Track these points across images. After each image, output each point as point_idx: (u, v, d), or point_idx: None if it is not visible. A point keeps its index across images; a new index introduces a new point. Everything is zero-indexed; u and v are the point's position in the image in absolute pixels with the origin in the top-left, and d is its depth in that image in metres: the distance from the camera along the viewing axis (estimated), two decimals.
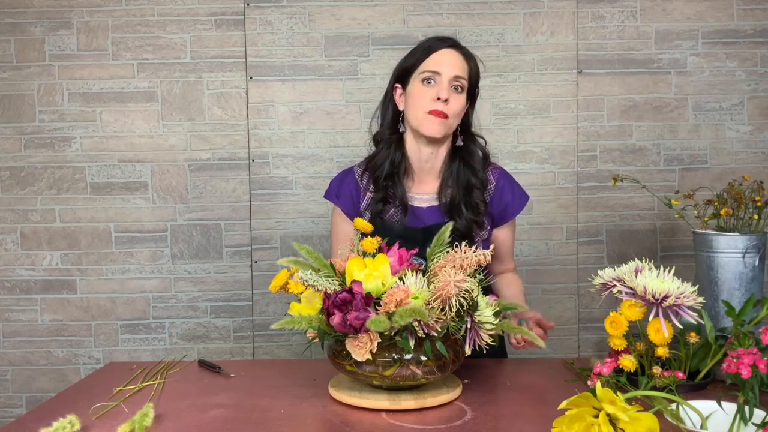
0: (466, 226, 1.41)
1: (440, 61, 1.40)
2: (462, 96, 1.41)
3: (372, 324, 1.00)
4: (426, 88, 1.39)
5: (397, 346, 1.06)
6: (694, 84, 2.25)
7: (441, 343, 1.06)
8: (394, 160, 1.45)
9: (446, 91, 1.38)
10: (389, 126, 1.48)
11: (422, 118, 1.39)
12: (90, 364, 2.26)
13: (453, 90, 1.39)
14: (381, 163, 1.46)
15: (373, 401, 1.09)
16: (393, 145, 1.46)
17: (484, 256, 1.10)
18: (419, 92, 1.40)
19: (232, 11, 2.22)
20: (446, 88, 1.38)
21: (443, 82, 1.38)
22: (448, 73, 1.39)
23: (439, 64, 1.39)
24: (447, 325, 1.06)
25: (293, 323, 1.07)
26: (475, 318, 1.08)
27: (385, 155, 1.46)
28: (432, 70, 1.39)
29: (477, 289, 1.09)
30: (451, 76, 1.39)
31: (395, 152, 1.46)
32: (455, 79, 1.39)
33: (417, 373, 1.07)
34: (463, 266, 1.09)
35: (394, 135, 1.47)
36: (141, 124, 2.24)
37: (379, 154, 1.48)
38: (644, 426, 0.74)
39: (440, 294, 1.04)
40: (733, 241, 1.33)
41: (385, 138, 1.48)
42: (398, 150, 1.46)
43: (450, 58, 1.40)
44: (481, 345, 1.08)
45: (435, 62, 1.40)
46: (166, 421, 1.06)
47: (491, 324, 1.08)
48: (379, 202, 1.44)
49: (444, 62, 1.39)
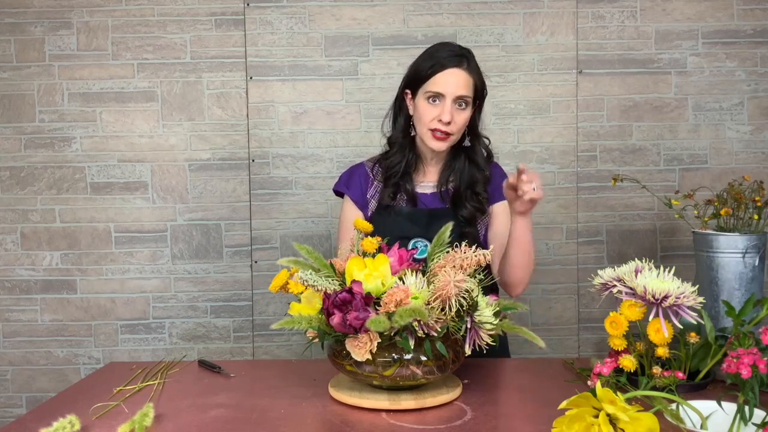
0: (470, 213, 1.50)
1: (445, 83, 1.44)
2: (466, 111, 1.48)
3: (372, 324, 1.00)
4: (430, 107, 1.46)
5: (397, 346, 1.06)
6: (694, 84, 2.25)
7: (441, 343, 1.06)
8: (409, 160, 1.55)
9: (449, 113, 1.43)
10: (402, 130, 1.56)
11: (425, 134, 1.48)
12: (90, 364, 2.26)
13: (456, 107, 1.46)
14: (396, 164, 1.55)
15: (373, 401, 1.09)
16: (407, 148, 1.55)
17: (483, 255, 1.11)
18: (423, 109, 1.47)
19: (232, 11, 2.22)
20: (449, 109, 1.44)
21: (447, 104, 1.44)
22: (452, 94, 1.44)
23: (444, 85, 1.44)
24: (447, 325, 1.06)
25: (293, 323, 1.07)
26: (474, 318, 1.08)
27: (400, 157, 1.55)
28: (436, 91, 1.45)
29: (477, 289, 1.09)
30: (454, 96, 1.44)
31: (409, 153, 1.55)
32: (459, 98, 1.45)
33: (417, 373, 1.07)
34: (462, 266, 1.09)
35: (406, 138, 1.55)
36: (141, 124, 2.24)
37: (393, 156, 1.56)
38: (644, 426, 0.74)
39: (440, 294, 1.04)
40: (733, 241, 1.33)
41: (399, 141, 1.56)
42: (411, 151, 1.56)
43: (454, 79, 1.44)
44: (481, 345, 1.08)
45: (439, 83, 1.45)
46: (166, 421, 1.06)
47: (491, 324, 1.08)
48: (389, 196, 1.53)
49: (448, 83, 1.44)
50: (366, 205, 1.56)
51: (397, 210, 1.52)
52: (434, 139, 1.46)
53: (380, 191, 1.56)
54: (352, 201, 1.58)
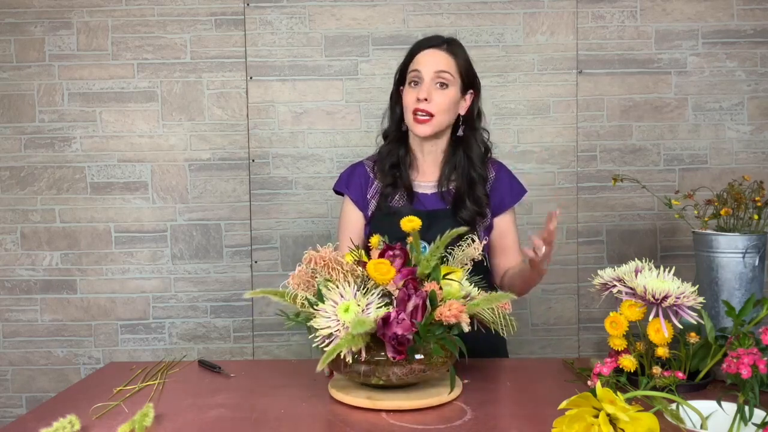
0: (470, 216, 1.48)
1: (421, 61, 1.46)
2: (449, 90, 1.46)
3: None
4: (411, 90, 1.47)
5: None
6: (694, 84, 2.25)
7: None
8: (399, 152, 1.54)
9: (425, 90, 1.43)
10: (395, 122, 1.56)
11: (410, 120, 1.48)
12: (90, 364, 2.26)
13: (437, 87, 1.45)
14: (386, 154, 1.55)
15: (373, 401, 1.09)
16: (398, 140, 1.55)
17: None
18: (406, 94, 1.49)
19: (232, 11, 2.23)
20: (427, 86, 1.44)
21: (425, 81, 1.44)
22: (428, 71, 1.44)
23: (420, 63, 1.46)
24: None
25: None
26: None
27: (390, 148, 1.55)
28: (414, 70, 1.46)
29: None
30: (431, 73, 1.44)
31: (399, 146, 1.55)
32: (437, 75, 1.44)
33: (416, 373, 1.07)
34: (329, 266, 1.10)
35: (398, 132, 1.55)
36: (141, 124, 2.24)
37: (385, 147, 1.57)
38: (644, 426, 0.74)
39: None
40: (733, 241, 1.33)
41: (392, 133, 1.57)
42: (402, 145, 1.55)
43: (430, 57, 1.46)
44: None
45: (417, 63, 1.47)
46: (166, 421, 1.06)
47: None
48: (387, 187, 1.52)
49: (424, 62, 1.46)
50: (366, 206, 1.55)
51: (396, 211, 1.50)
52: (416, 122, 1.44)
53: (379, 190, 1.55)
54: (352, 202, 1.57)
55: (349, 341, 1.00)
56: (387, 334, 1.01)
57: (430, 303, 1.06)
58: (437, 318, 1.04)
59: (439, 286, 1.10)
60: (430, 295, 1.06)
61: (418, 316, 1.04)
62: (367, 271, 1.08)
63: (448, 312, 1.03)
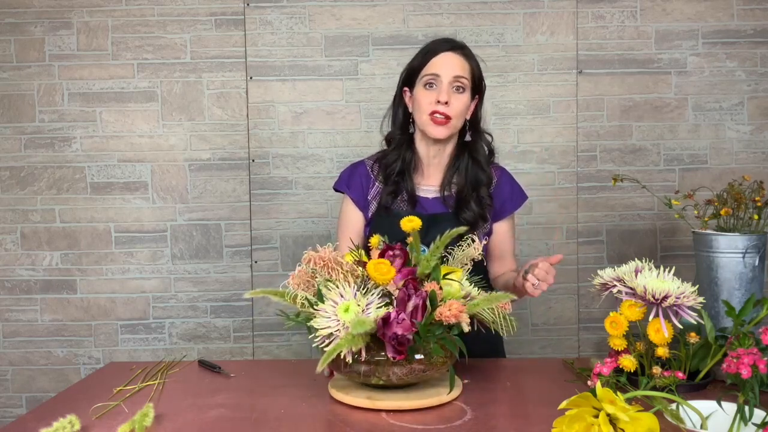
0: (473, 217, 1.48)
1: (440, 64, 1.45)
2: (464, 95, 1.46)
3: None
4: (428, 92, 1.45)
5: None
6: (694, 84, 2.25)
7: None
8: (405, 158, 1.53)
9: (446, 93, 1.43)
10: (400, 127, 1.55)
11: (426, 122, 1.46)
12: (90, 364, 2.26)
13: (454, 91, 1.45)
14: (393, 161, 1.53)
15: (373, 401, 1.09)
16: (404, 145, 1.53)
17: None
18: (422, 96, 1.46)
19: (232, 11, 2.23)
20: (446, 90, 1.43)
21: (443, 84, 1.44)
22: (447, 75, 1.44)
23: (439, 66, 1.45)
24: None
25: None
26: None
27: (397, 154, 1.53)
28: (432, 73, 1.45)
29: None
30: (450, 77, 1.44)
31: (406, 151, 1.53)
32: (455, 79, 1.44)
33: (416, 373, 1.07)
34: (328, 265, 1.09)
35: (404, 135, 1.54)
36: (141, 124, 2.24)
37: (391, 153, 1.55)
38: (644, 426, 0.74)
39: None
40: (733, 241, 1.33)
41: (396, 138, 1.55)
42: (408, 149, 1.54)
43: (449, 60, 1.45)
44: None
45: (435, 66, 1.45)
46: (166, 421, 1.06)
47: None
48: (389, 195, 1.51)
49: (443, 65, 1.45)
50: (367, 206, 1.54)
51: (396, 213, 1.49)
52: (433, 123, 1.44)
53: (380, 192, 1.55)
54: (352, 202, 1.57)
55: (349, 341, 1.00)
56: (387, 334, 1.01)
57: (430, 303, 1.06)
58: (437, 318, 1.04)
59: (439, 286, 1.10)
60: (430, 295, 1.06)
61: (418, 316, 1.04)
62: (367, 271, 1.08)
63: (448, 312, 1.03)
